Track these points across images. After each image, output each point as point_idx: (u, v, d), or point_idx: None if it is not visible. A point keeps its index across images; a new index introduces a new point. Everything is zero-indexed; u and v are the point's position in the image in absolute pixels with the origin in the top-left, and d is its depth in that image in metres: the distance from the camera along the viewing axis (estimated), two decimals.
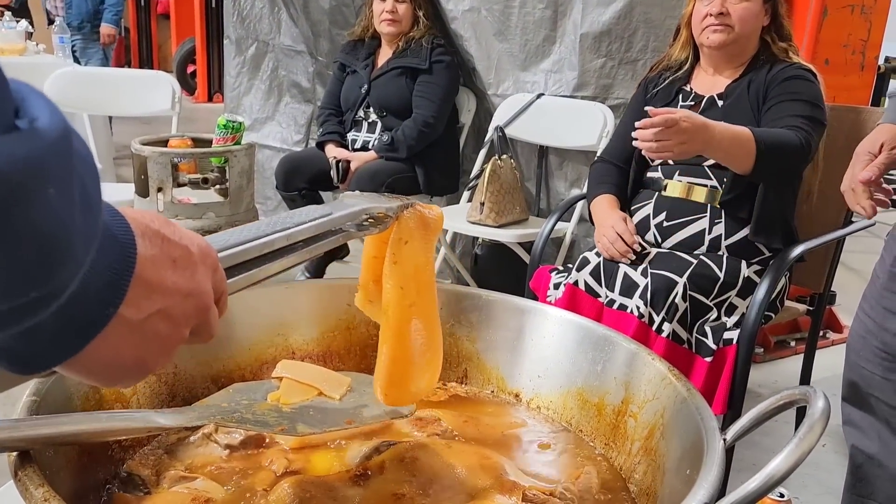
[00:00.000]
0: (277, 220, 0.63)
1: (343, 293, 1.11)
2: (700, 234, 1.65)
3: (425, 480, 0.85)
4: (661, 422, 0.86)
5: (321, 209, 0.67)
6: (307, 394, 0.91)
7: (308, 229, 0.64)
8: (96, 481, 0.81)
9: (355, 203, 0.73)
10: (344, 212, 0.69)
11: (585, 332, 1.01)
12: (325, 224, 0.66)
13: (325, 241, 0.66)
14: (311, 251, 0.64)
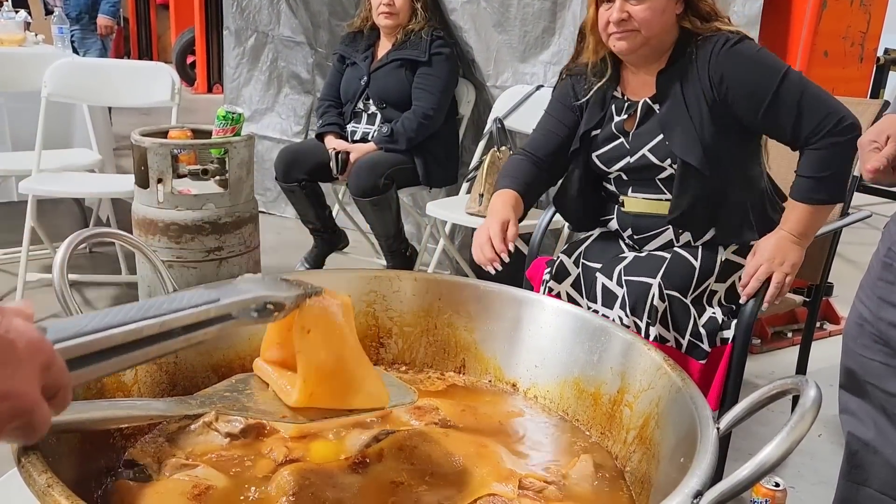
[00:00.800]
0: (153, 303, 0.57)
1: (342, 283, 1.12)
2: (670, 242, 1.63)
3: (423, 468, 0.86)
4: (655, 411, 0.87)
5: (208, 294, 0.61)
6: None
7: (186, 317, 0.58)
8: (98, 468, 0.82)
9: (250, 289, 0.66)
10: (233, 299, 0.63)
11: (582, 323, 1.02)
12: (210, 311, 0.60)
13: (209, 329, 0.61)
14: (190, 339, 0.59)
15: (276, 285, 0.70)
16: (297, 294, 0.72)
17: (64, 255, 0.89)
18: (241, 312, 0.64)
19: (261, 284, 0.68)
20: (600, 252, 1.69)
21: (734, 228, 1.60)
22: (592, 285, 1.62)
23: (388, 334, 1.14)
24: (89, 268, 3.06)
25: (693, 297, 1.58)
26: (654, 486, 0.81)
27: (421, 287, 1.14)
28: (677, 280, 1.55)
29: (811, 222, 1.54)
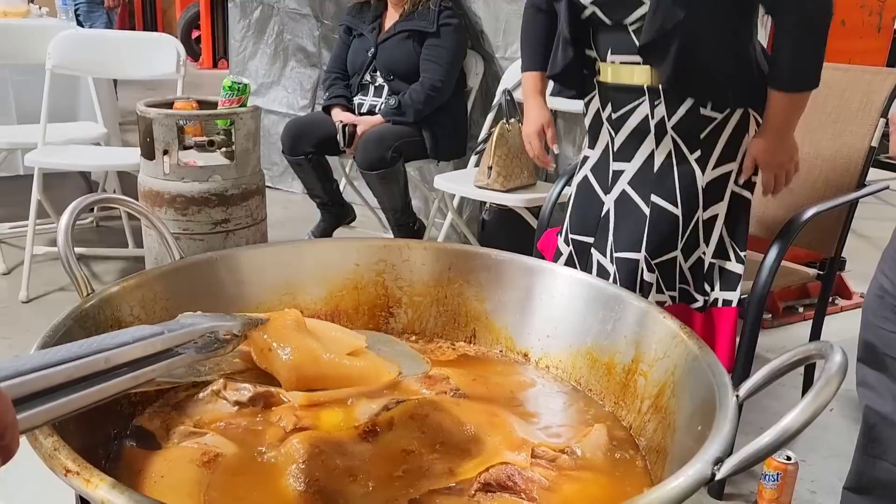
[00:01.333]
0: (96, 340, 0.54)
1: (351, 252, 1.11)
2: (644, 120, 1.52)
3: (434, 437, 0.85)
4: (671, 380, 0.85)
5: (151, 328, 0.59)
6: None
7: (132, 351, 0.55)
8: (106, 435, 0.81)
9: (194, 322, 0.64)
10: (179, 331, 0.61)
11: (596, 292, 1.00)
12: (156, 345, 0.58)
13: (158, 365, 0.58)
14: (138, 377, 0.56)
15: (220, 318, 0.68)
16: (243, 323, 0.70)
17: (68, 221, 0.88)
18: (187, 346, 0.61)
19: (203, 318, 0.66)
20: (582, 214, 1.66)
21: (715, 88, 1.48)
22: (588, 263, 1.61)
23: (398, 304, 1.12)
24: (96, 241, 3.05)
25: (684, 244, 1.54)
26: (670, 456, 0.79)
27: (431, 256, 1.12)
28: (662, 239, 1.52)
29: (794, 111, 1.50)
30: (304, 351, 0.73)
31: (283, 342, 0.71)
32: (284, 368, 0.71)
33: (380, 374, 0.83)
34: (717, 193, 1.53)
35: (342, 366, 0.78)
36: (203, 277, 0.99)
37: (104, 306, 0.86)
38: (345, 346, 0.83)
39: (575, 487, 0.80)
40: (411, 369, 0.88)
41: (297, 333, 0.73)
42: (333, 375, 0.77)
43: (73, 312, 0.81)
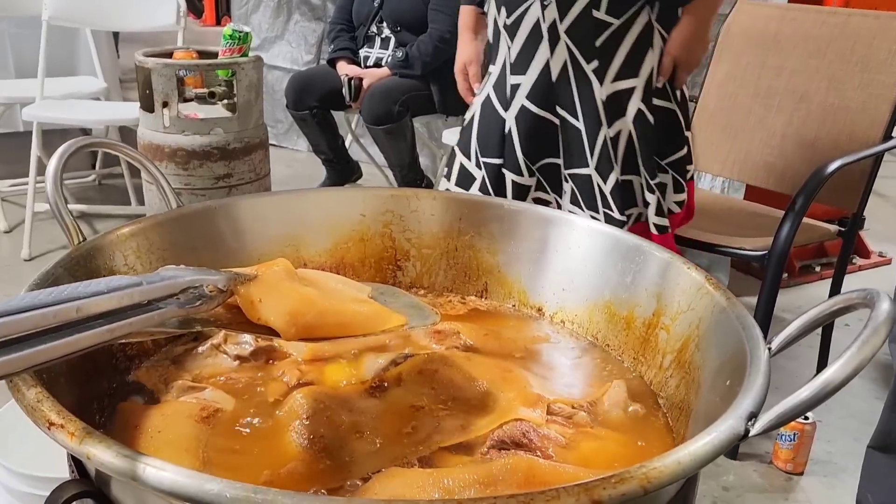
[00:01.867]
0: (68, 288, 0.49)
1: (356, 202, 1.06)
2: (537, 25, 1.44)
3: (445, 392, 0.81)
4: (696, 333, 0.80)
5: (129, 279, 0.54)
6: None
7: (107, 301, 0.50)
8: (100, 390, 0.77)
9: (175, 275, 0.60)
10: (158, 284, 0.56)
11: (614, 242, 0.95)
12: (133, 296, 0.53)
13: (135, 319, 0.53)
14: (113, 330, 0.51)
15: (204, 272, 0.63)
16: (228, 278, 0.64)
17: (57, 166, 0.83)
18: (169, 301, 0.57)
19: (186, 272, 0.61)
20: (486, 134, 1.59)
21: None
22: (502, 186, 1.55)
23: (406, 257, 1.07)
24: (98, 199, 3.01)
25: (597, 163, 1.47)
26: (695, 412, 0.75)
27: (440, 206, 1.07)
28: (570, 157, 1.47)
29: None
30: (299, 298, 0.68)
31: (273, 292, 0.66)
32: (279, 316, 0.66)
33: (385, 320, 0.78)
34: (619, 109, 1.45)
35: (344, 311, 0.73)
36: (202, 227, 0.95)
37: (96, 255, 0.81)
38: (347, 297, 0.78)
39: (593, 445, 0.76)
40: (419, 320, 0.83)
41: (289, 283, 0.69)
42: (335, 322, 0.72)
43: (63, 260, 0.76)
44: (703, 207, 2.12)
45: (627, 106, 1.46)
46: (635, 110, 1.46)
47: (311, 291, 0.71)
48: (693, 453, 0.52)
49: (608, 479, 0.48)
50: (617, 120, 1.46)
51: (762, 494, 1.60)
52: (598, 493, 0.47)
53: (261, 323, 0.67)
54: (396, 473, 0.68)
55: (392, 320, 0.78)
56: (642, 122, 1.47)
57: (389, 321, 0.78)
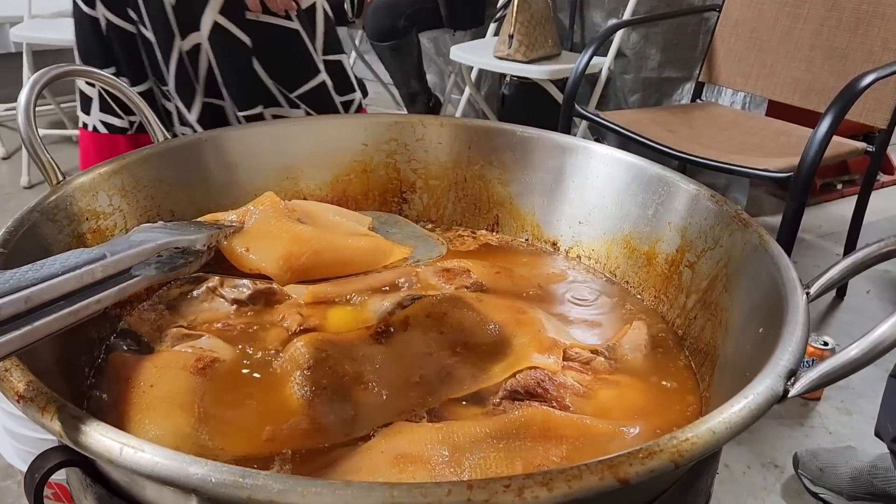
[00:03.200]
0: (13, 274, 0.42)
1: (357, 130, 0.99)
2: None
3: (455, 337, 0.76)
4: (724, 272, 0.75)
5: (90, 253, 0.47)
6: None
7: (61, 284, 0.43)
8: (89, 340, 0.73)
9: (146, 239, 0.53)
10: (124, 254, 0.49)
11: (636, 172, 0.88)
12: (95, 273, 0.46)
13: (101, 295, 0.47)
14: (77, 312, 0.45)
15: (181, 230, 0.56)
16: (208, 235, 0.58)
17: (29, 97, 0.76)
18: (141, 268, 0.51)
19: (160, 233, 0.55)
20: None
21: None
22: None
23: (412, 188, 1.01)
24: None
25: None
26: (722, 358, 0.70)
27: (448, 134, 0.99)
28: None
29: None
30: (292, 238, 0.62)
31: (261, 237, 0.61)
32: (271, 263, 0.60)
33: (387, 254, 0.72)
34: (191, 20, 1.26)
35: (342, 247, 0.67)
36: (192, 161, 0.88)
37: (77, 196, 0.75)
38: (344, 231, 0.72)
39: (612, 393, 0.71)
40: (425, 252, 0.76)
41: (278, 221, 0.63)
42: (333, 260, 0.66)
43: (39, 204, 0.70)
44: (722, 125, 2.02)
45: (202, 18, 1.25)
46: (210, 24, 1.25)
47: (303, 229, 0.65)
48: (728, 421, 0.47)
49: (635, 455, 0.43)
50: (191, 33, 1.26)
51: (777, 421, 1.58)
52: (624, 471, 0.42)
53: (253, 272, 0.62)
54: (403, 429, 0.64)
55: (395, 253, 0.72)
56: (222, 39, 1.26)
57: (392, 255, 0.72)
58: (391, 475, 0.59)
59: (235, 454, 0.62)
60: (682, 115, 2.06)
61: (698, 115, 2.09)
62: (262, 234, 0.62)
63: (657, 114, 2.06)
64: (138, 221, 0.82)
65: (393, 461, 0.60)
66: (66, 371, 0.65)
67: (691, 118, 2.05)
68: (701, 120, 2.05)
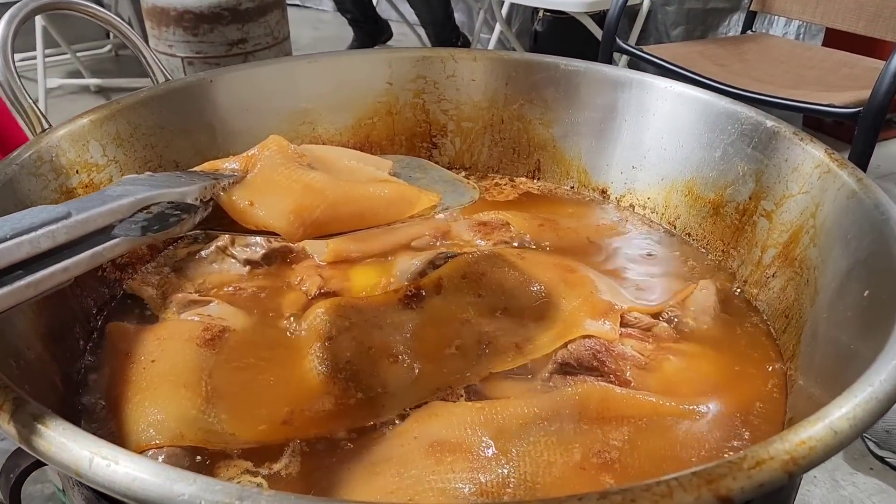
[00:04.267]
0: None
1: (381, 68, 0.88)
2: None
3: (494, 301, 0.67)
4: (811, 223, 0.64)
5: (51, 211, 0.38)
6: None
7: (11, 250, 0.35)
8: (85, 309, 0.65)
9: (125, 192, 0.44)
10: (98, 209, 0.40)
11: (701, 108, 0.76)
12: (56, 235, 0.37)
13: (68, 262, 0.38)
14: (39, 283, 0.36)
15: (169, 181, 0.47)
16: (203, 185, 0.48)
17: (5, 32, 0.67)
18: (123, 228, 0.42)
19: (144, 185, 0.45)
20: None
21: None
22: None
23: (443, 132, 0.90)
24: (115, 72, 2.84)
25: None
26: (811, 325, 0.59)
27: (482, 69, 0.88)
28: None
29: None
30: (303, 189, 0.52)
31: (268, 189, 0.51)
32: (280, 218, 0.51)
33: (413, 202, 0.61)
34: None
35: (361, 197, 0.57)
36: (195, 105, 0.79)
37: (65, 146, 0.67)
38: (362, 177, 0.62)
39: (679, 365, 0.62)
40: (455, 198, 0.65)
41: (286, 169, 0.53)
42: (351, 213, 0.56)
43: (18, 156, 0.62)
44: (776, 57, 1.87)
45: None
46: None
47: (316, 177, 0.55)
48: (852, 416, 0.37)
49: (738, 465, 0.34)
50: None
51: None
52: (726, 486, 0.33)
53: (259, 228, 0.52)
54: (439, 410, 0.56)
55: (422, 201, 0.62)
56: None
57: (418, 203, 0.61)
58: (426, 466, 0.50)
59: (248, 440, 0.54)
60: (731, 48, 1.91)
61: (750, 47, 1.93)
62: (269, 185, 0.52)
63: (705, 47, 1.90)
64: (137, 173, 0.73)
65: (428, 449, 0.52)
66: (56, 345, 0.57)
67: (742, 51, 1.89)
68: (753, 53, 1.89)
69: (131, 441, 0.53)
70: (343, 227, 0.54)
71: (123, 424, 0.54)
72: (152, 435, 0.53)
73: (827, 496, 1.25)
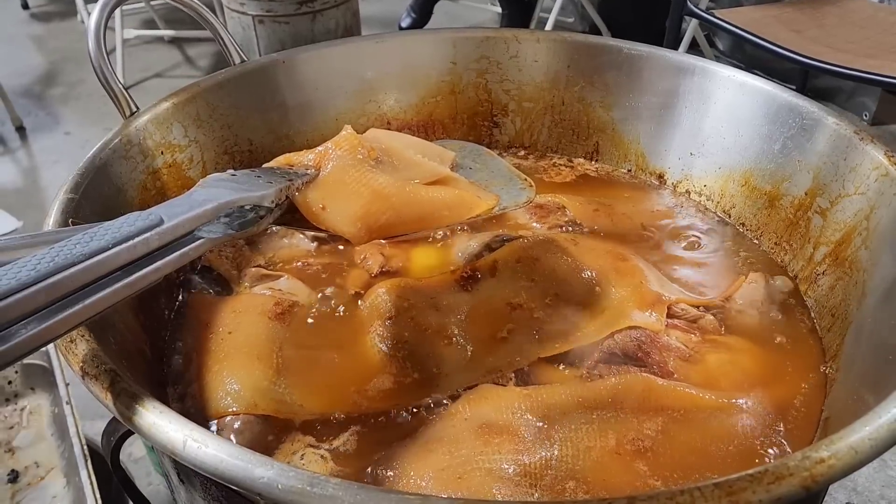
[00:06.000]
0: (58, 251, 0.37)
1: (445, 48, 0.90)
2: None
3: (546, 287, 0.70)
4: (864, 225, 0.64)
5: (146, 217, 0.43)
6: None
7: (111, 259, 0.39)
8: (168, 280, 0.71)
9: (209, 197, 0.48)
10: (186, 215, 0.45)
11: (763, 99, 0.76)
12: (150, 242, 0.42)
13: (160, 264, 0.43)
14: (135, 283, 0.41)
15: (248, 183, 0.51)
16: (279, 188, 0.53)
17: (99, 19, 0.71)
18: (205, 228, 0.46)
19: (226, 188, 0.50)
20: None
21: None
22: None
23: (504, 111, 0.93)
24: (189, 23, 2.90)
25: None
26: (856, 326, 0.61)
27: (545, 51, 0.89)
28: None
29: None
30: (371, 195, 0.56)
31: (339, 193, 0.55)
32: (349, 224, 0.55)
33: (471, 206, 0.66)
34: None
35: (423, 202, 0.62)
36: (269, 85, 0.83)
37: (151, 129, 0.72)
38: (425, 173, 0.66)
39: (722, 358, 0.64)
40: (511, 198, 0.69)
41: (356, 172, 0.57)
42: (413, 217, 0.61)
43: (110, 141, 0.67)
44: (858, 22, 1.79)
45: None
46: None
47: (384, 182, 0.59)
48: (874, 437, 0.39)
49: (758, 479, 0.37)
50: None
51: None
52: (745, 499, 0.36)
53: (328, 230, 0.57)
54: (489, 393, 0.60)
55: (479, 206, 0.66)
56: None
57: (476, 207, 0.66)
58: (475, 447, 0.55)
59: (314, 411, 0.59)
60: (810, 12, 1.83)
61: (830, 10, 1.85)
62: (339, 187, 0.56)
63: (781, 11, 1.84)
64: (215, 153, 0.78)
65: (477, 431, 0.56)
66: (144, 315, 0.63)
67: (821, 14, 1.82)
68: (832, 17, 1.81)
69: (211, 407, 0.59)
70: (406, 229, 0.58)
71: (204, 391, 0.60)
72: (229, 403, 0.59)
73: (874, 476, 1.25)
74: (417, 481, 0.53)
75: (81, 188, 0.60)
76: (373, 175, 0.58)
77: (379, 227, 0.57)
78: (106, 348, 0.47)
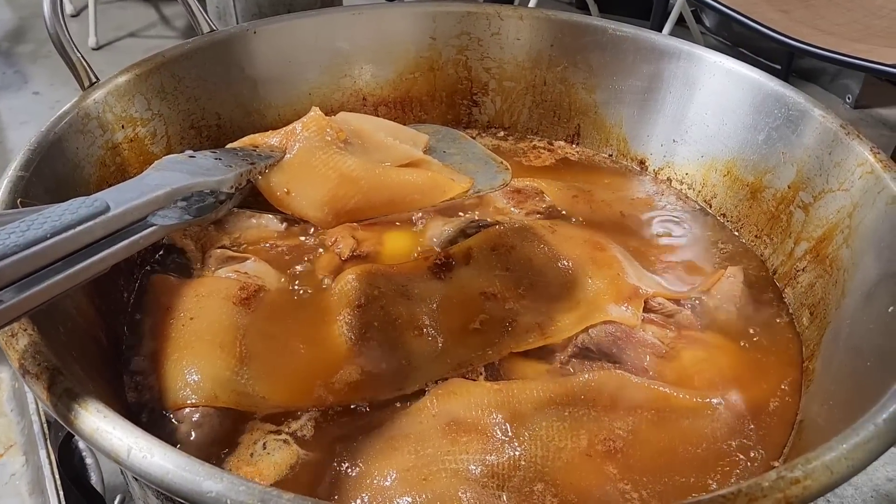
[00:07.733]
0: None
1: (425, 23, 0.86)
2: None
3: (521, 276, 0.68)
4: (847, 223, 0.63)
5: (91, 204, 0.40)
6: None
7: (49, 250, 0.37)
8: (130, 261, 0.68)
9: (163, 181, 0.45)
10: (135, 201, 0.42)
11: (750, 87, 0.74)
12: (94, 230, 0.39)
13: (106, 253, 0.40)
14: (78, 274, 0.39)
15: (207, 166, 0.48)
16: (240, 172, 0.50)
17: None
18: (161, 216, 0.43)
19: (181, 170, 0.46)
20: None
21: None
22: None
23: (484, 90, 0.90)
24: None
25: None
26: (835, 326, 0.60)
27: (528, 28, 0.86)
28: None
29: None
30: (338, 179, 0.54)
31: (305, 176, 0.52)
32: (315, 209, 0.53)
33: (444, 189, 0.63)
34: None
35: (393, 184, 0.59)
36: (238, 56, 0.79)
37: (111, 101, 0.68)
38: (397, 156, 0.63)
39: (698, 355, 0.63)
40: (486, 181, 0.67)
41: (324, 154, 0.54)
42: (383, 200, 0.59)
43: (66, 114, 0.63)
44: (845, 4, 1.77)
45: None
46: None
47: (352, 165, 0.57)
48: (850, 457, 0.38)
49: (731, 500, 0.35)
50: None
51: None
52: None
53: (293, 214, 0.54)
54: (458, 388, 0.58)
55: (452, 189, 0.64)
56: None
57: (449, 190, 0.63)
58: (442, 446, 0.53)
59: (278, 404, 0.57)
60: None
61: None
62: (306, 170, 0.53)
63: None
64: (180, 127, 0.75)
65: (445, 429, 0.55)
66: (101, 299, 0.61)
67: None
68: None
69: (169, 398, 0.56)
70: (376, 213, 0.56)
71: (162, 381, 0.58)
72: (188, 394, 0.56)
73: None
74: (381, 481, 0.51)
75: (33, 165, 0.56)
76: (341, 157, 0.55)
77: (347, 211, 0.54)
78: (52, 341, 0.44)
